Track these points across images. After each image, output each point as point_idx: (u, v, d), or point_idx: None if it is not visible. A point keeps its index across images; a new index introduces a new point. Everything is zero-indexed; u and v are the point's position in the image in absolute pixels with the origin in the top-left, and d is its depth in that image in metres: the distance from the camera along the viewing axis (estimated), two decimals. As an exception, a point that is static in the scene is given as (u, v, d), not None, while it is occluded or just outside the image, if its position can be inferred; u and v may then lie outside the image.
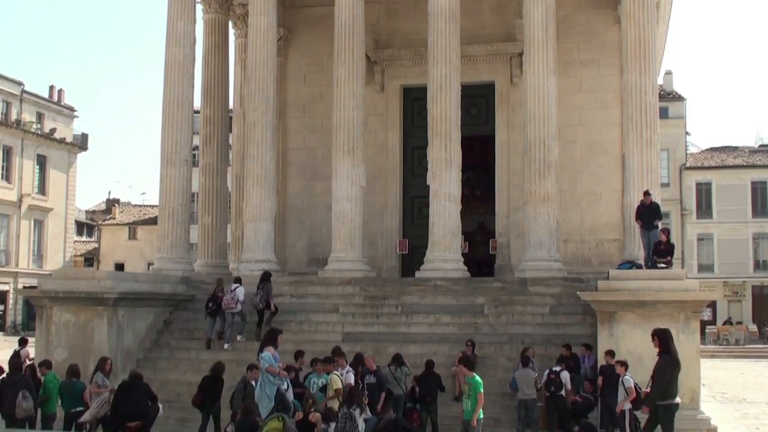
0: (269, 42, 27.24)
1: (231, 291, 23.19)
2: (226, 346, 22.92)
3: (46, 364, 18.20)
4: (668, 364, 14.46)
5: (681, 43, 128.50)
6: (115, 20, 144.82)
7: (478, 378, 15.05)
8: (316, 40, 31.40)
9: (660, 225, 22.86)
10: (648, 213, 22.72)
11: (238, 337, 23.23)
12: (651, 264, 21.95)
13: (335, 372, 16.86)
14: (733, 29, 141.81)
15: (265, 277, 23.78)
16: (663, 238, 22.15)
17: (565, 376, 18.62)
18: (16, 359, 19.80)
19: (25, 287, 42.92)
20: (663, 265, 21.68)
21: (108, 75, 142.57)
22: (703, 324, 41.97)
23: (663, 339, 14.81)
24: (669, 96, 68.37)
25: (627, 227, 24.80)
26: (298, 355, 18.61)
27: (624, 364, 17.29)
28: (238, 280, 23.84)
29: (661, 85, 57.00)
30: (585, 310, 21.50)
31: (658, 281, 19.93)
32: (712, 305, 62.92)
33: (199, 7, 29.72)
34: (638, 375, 17.15)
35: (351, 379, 17.23)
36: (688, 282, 20.34)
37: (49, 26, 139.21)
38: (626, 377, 17.00)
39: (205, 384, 17.79)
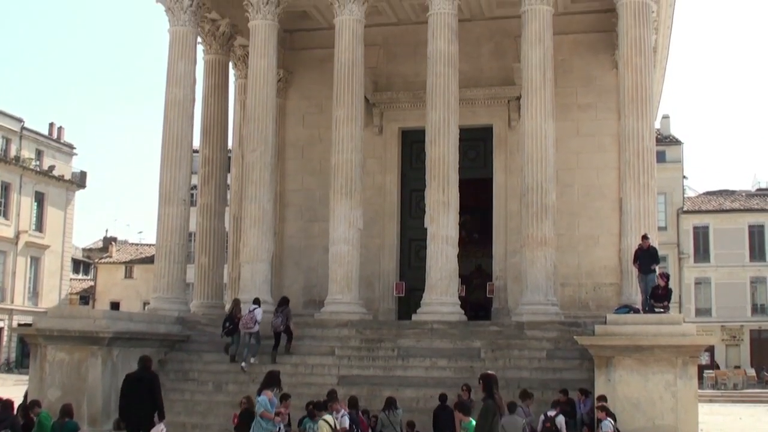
0: (269, 83, 27.40)
1: (250, 311, 23.62)
2: (243, 365, 23.20)
3: (37, 404, 18.01)
4: (489, 410, 14.14)
5: (678, 87, 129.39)
6: (116, 59, 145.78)
7: (474, 422, 14.91)
8: (315, 82, 31.59)
9: (658, 269, 22.86)
10: (645, 257, 22.71)
11: (252, 359, 23.39)
12: (648, 308, 21.92)
13: (324, 417, 16.68)
14: (730, 73, 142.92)
15: (284, 301, 24.33)
16: (661, 282, 22.13)
17: (561, 421, 18.47)
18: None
19: (19, 325, 42.81)
20: (660, 310, 21.66)
21: (108, 113, 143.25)
22: (701, 368, 41.72)
23: (487, 383, 14.43)
24: (666, 140, 68.64)
25: (624, 271, 24.76)
26: (284, 398, 18.53)
27: (605, 409, 17.25)
28: (256, 301, 24.28)
29: (658, 130, 57.32)
30: (582, 355, 21.39)
31: (655, 326, 19.89)
32: (710, 350, 62.72)
33: (200, 48, 29.92)
34: (635, 421, 17.10)
35: (346, 423, 17.08)
36: (686, 326, 20.30)
37: (51, 64, 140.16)
38: (605, 422, 16.95)
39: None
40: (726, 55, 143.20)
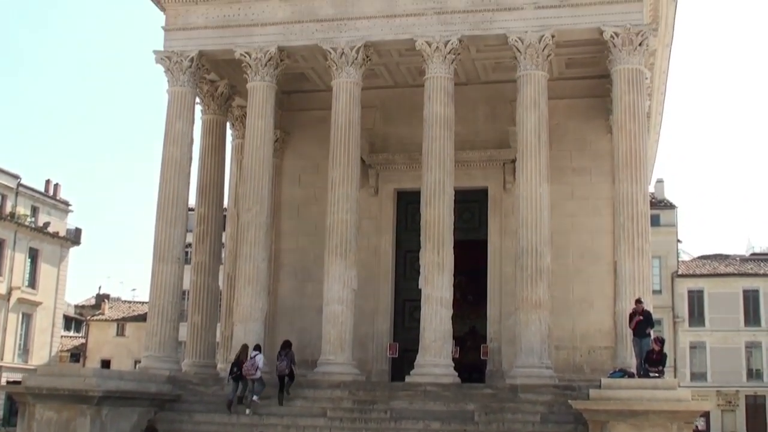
0: (266, 144, 27.58)
1: (251, 358, 24.18)
2: (247, 411, 23.62)
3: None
4: None
5: (672, 151, 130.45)
6: (114, 117, 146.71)
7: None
8: (312, 143, 31.78)
9: (652, 333, 22.81)
10: (640, 321, 22.66)
11: (255, 397, 23.94)
12: (643, 373, 21.82)
13: None
14: (724, 138, 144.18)
15: (287, 344, 25.04)
16: (656, 347, 22.07)
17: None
18: None
19: (8, 382, 42.35)
20: (655, 375, 21.57)
21: (105, 171, 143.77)
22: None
23: None
24: (660, 204, 68.96)
25: (619, 335, 24.69)
26: None
27: None
28: (257, 348, 24.84)
29: (652, 194, 57.65)
30: (576, 419, 21.22)
31: (650, 391, 19.80)
32: (706, 415, 62.17)
33: (198, 108, 30.15)
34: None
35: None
36: (681, 391, 20.20)
37: (50, 121, 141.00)
38: None
39: None
40: (719, 120, 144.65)
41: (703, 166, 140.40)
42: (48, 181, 70.79)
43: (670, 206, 71.22)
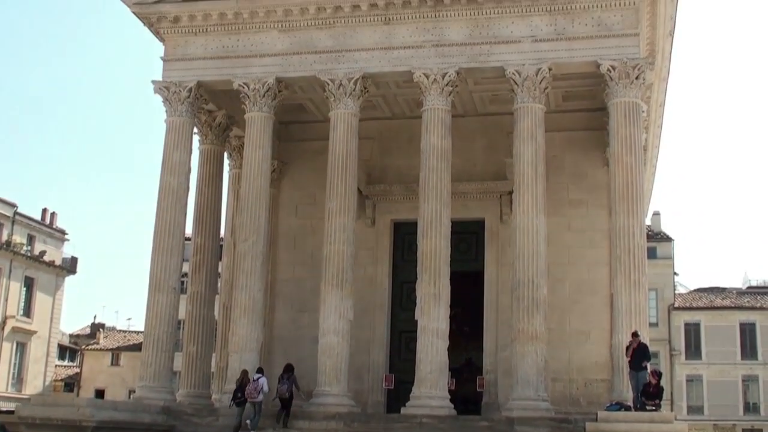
0: (263, 174, 27.63)
1: (254, 380, 24.34)
2: None
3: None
4: None
5: (668, 184, 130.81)
6: (112, 145, 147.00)
7: None
8: (309, 173, 31.83)
9: (649, 366, 22.76)
10: (636, 354, 22.63)
11: (248, 422, 24.08)
12: (640, 406, 21.74)
13: None
14: (721, 171, 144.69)
15: (290, 368, 25.26)
16: (652, 380, 22.01)
17: None
18: None
19: (1, 412, 41.93)
20: (652, 408, 21.50)
21: (102, 199, 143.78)
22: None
23: None
24: (657, 237, 69.08)
25: (615, 367, 24.61)
26: None
27: None
28: (260, 371, 25.08)
29: (649, 226, 57.67)
30: (573, 453, 21.09)
31: (647, 424, 19.75)
32: (703, 449, 61.90)
33: (196, 137, 30.22)
34: None
35: None
36: (678, 425, 20.14)
37: (47, 149, 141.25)
38: None
39: None
40: (716, 153, 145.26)
41: (699, 198, 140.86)
42: (45, 210, 70.85)
43: (667, 239, 71.34)
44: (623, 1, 25.86)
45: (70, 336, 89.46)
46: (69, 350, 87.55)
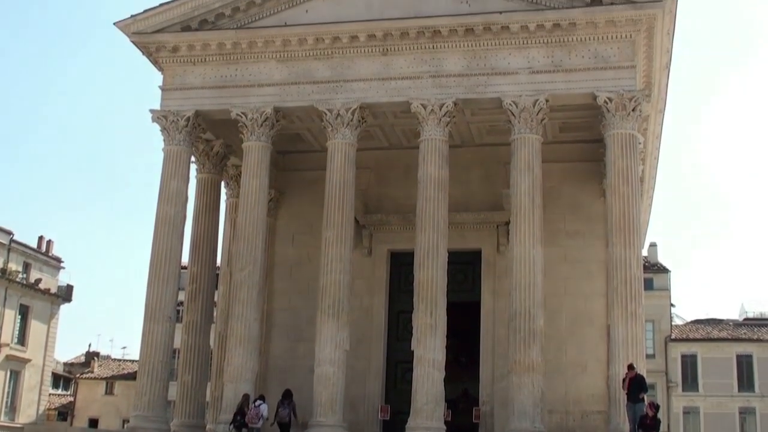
0: (260, 203, 27.63)
1: (255, 406, 24.48)
2: None
3: None
4: None
5: (665, 215, 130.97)
6: (109, 174, 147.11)
7: None
8: (306, 203, 31.85)
9: (646, 398, 22.67)
10: (634, 386, 22.55)
11: None
12: (637, 438, 21.61)
13: None
14: (717, 202, 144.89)
15: (289, 394, 25.58)
16: (650, 412, 21.93)
17: None
18: None
19: (-5, 441, 41.72)
20: (649, 440, 21.34)
21: (98, 227, 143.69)
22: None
23: None
24: (654, 268, 69.08)
25: (612, 399, 24.50)
26: None
27: None
28: (261, 397, 25.21)
29: (645, 257, 57.70)
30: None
31: (644, 457, 19.56)
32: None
33: (193, 166, 30.27)
34: None
35: None
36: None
37: (44, 177, 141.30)
38: None
39: None
40: (713, 184, 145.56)
41: (696, 230, 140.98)
42: (41, 238, 70.79)
43: (664, 270, 71.34)
44: (619, 34, 26.05)
45: (65, 364, 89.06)
46: (63, 379, 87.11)
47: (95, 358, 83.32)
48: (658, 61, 27.63)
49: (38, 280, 67.45)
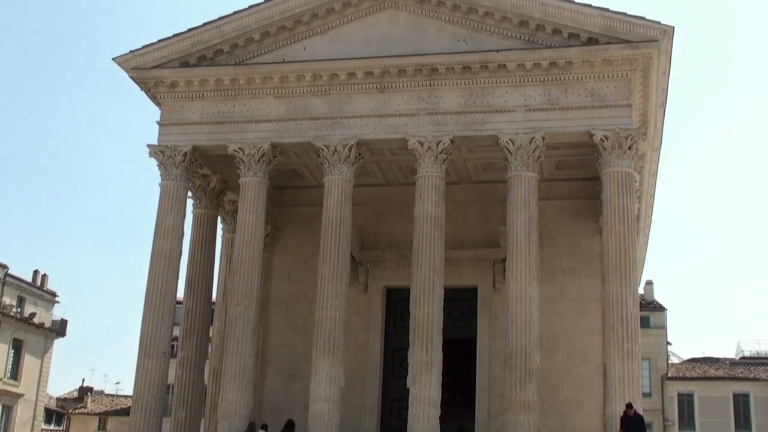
0: (256, 239, 27.60)
1: None
2: None
3: None
4: None
5: (661, 253, 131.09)
6: (105, 208, 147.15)
7: None
8: (302, 239, 31.84)
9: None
10: (631, 426, 22.42)
11: None
12: (634, 478, 21.43)
13: None
14: (714, 240, 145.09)
15: (291, 424, 25.43)
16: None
17: None
18: None
19: (-14, 477, 41.32)
20: (646, 481, 21.17)
21: (94, 261, 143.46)
22: None
23: None
24: (650, 306, 69.06)
25: (609, 438, 24.34)
26: None
27: None
28: (264, 427, 25.27)
29: (642, 295, 57.70)
30: None
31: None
32: None
33: (189, 201, 30.25)
34: None
35: None
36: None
37: (40, 211, 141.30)
38: None
39: None
40: (709, 222, 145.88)
41: (692, 268, 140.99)
42: (36, 272, 70.68)
43: (660, 308, 71.28)
44: (616, 72, 26.21)
45: (58, 399, 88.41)
46: (56, 414, 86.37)
47: (88, 394, 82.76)
48: (654, 100, 27.79)
49: (32, 315, 67.20)
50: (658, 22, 25.64)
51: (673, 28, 25.56)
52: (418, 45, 27.60)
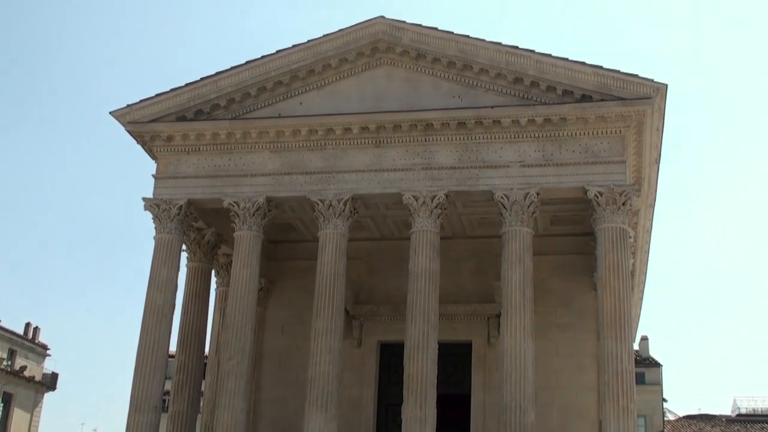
0: (250, 293, 27.49)
1: None
2: None
3: None
4: None
5: (656, 308, 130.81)
6: (100, 261, 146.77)
7: None
8: (296, 293, 31.76)
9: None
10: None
11: None
12: None
13: None
14: (709, 296, 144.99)
15: None
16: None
17: None
18: None
19: None
20: None
21: (86, 314, 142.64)
22: None
23: None
24: (645, 362, 68.70)
25: (605, 496, 24.04)
26: None
27: None
28: None
29: (637, 351, 57.47)
30: None
31: None
32: None
33: (184, 254, 30.20)
34: None
35: None
36: None
37: (33, 263, 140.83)
38: None
39: None
40: (704, 278, 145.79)
41: (687, 324, 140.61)
42: (28, 324, 70.34)
43: (655, 364, 70.88)
44: (610, 129, 26.37)
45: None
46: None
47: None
48: (647, 157, 27.95)
49: (23, 368, 66.72)
50: (652, 80, 25.88)
51: (666, 85, 25.81)
52: (414, 101, 27.81)
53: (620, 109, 26.11)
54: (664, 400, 70.93)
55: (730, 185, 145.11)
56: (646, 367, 68.27)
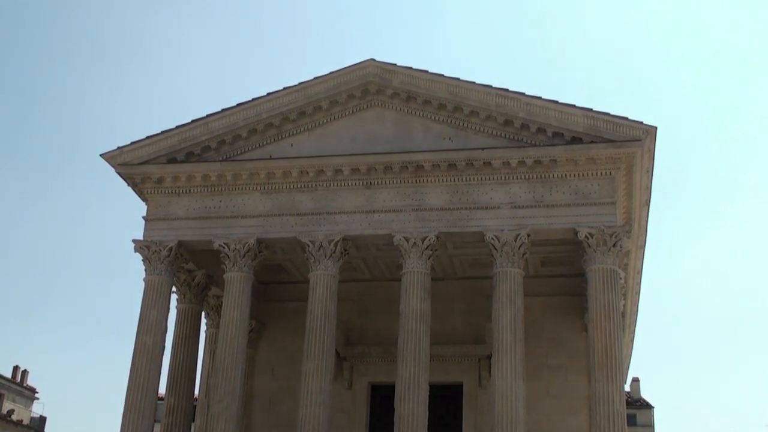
0: (240, 334, 27.37)
1: None
2: None
3: None
4: None
5: (647, 350, 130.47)
6: (88, 303, 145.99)
7: None
8: (287, 334, 31.63)
9: None
10: None
11: None
12: None
13: None
14: (700, 337, 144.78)
15: None
16: None
17: None
18: None
19: None
20: None
21: (75, 357, 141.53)
22: None
23: None
24: (637, 404, 68.43)
25: None
26: None
27: None
28: None
29: (628, 393, 57.24)
30: None
31: None
32: None
33: (174, 296, 30.10)
34: None
35: None
36: None
37: (21, 306, 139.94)
38: None
39: None
40: (696, 319, 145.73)
41: (679, 365, 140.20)
42: (16, 368, 69.79)
43: (647, 406, 70.61)
44: (600, 171, 26.51)
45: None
46: None
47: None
48: (637, 198, 28.08)
49: (11, 411, 66.05)
50: (641, 122, 26.08)
51: (656, 128, 26.00)
52: (405, 143, 27.94)
53: (610, 151, 26.27)
54: (656, 441, 70.58)
55: (721, 226, 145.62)
56: (638, 408, 67.98)
